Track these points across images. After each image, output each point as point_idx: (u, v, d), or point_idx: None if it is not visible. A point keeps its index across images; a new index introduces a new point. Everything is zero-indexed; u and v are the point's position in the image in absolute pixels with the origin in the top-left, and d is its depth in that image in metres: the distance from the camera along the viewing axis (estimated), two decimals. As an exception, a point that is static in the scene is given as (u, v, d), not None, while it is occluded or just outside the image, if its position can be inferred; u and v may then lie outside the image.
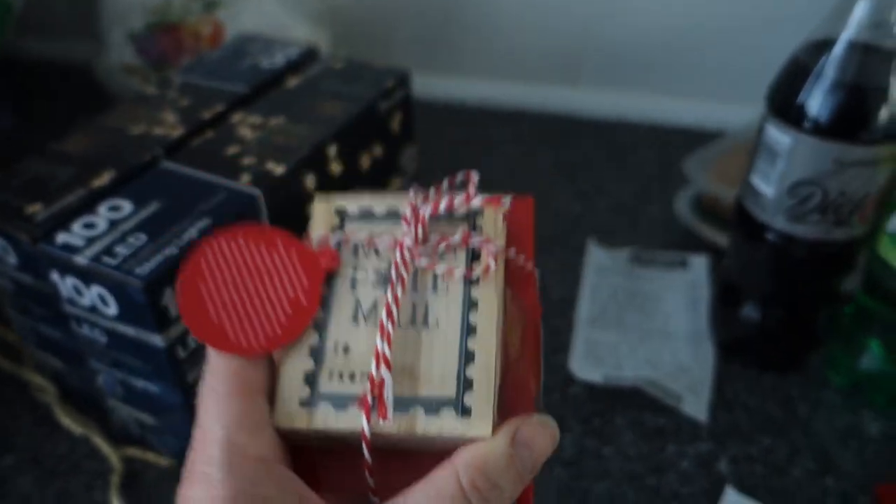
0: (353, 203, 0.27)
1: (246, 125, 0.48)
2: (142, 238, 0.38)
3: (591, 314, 0.54)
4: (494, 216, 0.27)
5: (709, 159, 0.63)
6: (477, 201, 0.26)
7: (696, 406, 0.48)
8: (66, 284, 0.39)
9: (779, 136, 0.42)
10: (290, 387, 0.25)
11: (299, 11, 0.72)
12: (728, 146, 0.64)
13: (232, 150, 0.45)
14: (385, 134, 0.53)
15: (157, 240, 0.38)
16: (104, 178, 0.42)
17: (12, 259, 0.41)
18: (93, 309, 0.39)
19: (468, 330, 0.25)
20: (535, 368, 0.26)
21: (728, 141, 0.65)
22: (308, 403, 0.24)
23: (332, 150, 0.48)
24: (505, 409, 0.24)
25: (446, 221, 0.27)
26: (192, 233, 0.39)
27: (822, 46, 0.41)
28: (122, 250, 0.37)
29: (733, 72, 0.73)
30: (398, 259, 0.26)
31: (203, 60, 0.56)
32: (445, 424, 0.24)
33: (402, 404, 0.24)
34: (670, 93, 0.78)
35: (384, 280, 0.26)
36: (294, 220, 0.38)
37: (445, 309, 0.25)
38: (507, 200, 0.26)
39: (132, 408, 0.44)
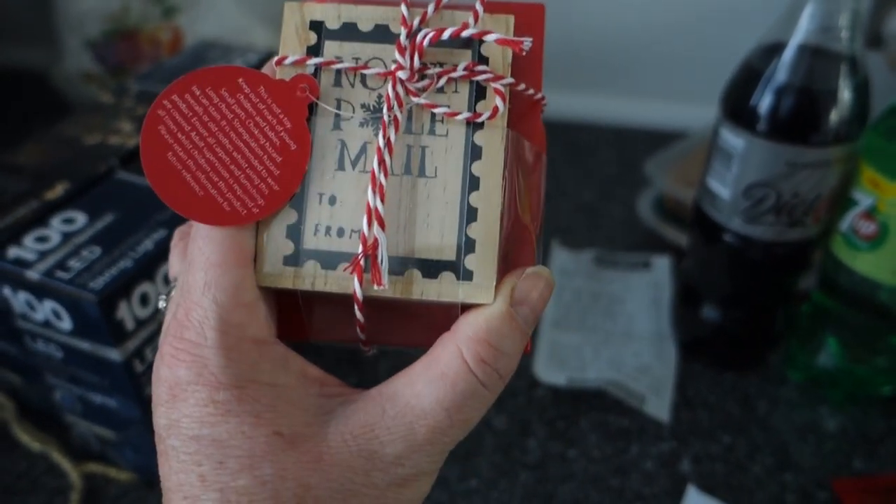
0: (332, 14, 0.23)
1: (204, 134, 0.47)
2: (96, 251, 0.38)
3: (554, 316, 0.55)
4: (503, 48, 0.23)
5: (670, 160, 0.64)
6: (491, 38, 0.22)
7: (659, 406, 0.48)
8: (18, 300, 0.38)
9: (733, 140, 0.43)
10: (272, 242, 0.22)
11: (260, 17, 0.72)
12: (689, 147, 0.65)
13: (189, 159, 0.45)
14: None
15: (112, 252, 0.38)
16: (58, 190, 0.42)
17: (-37, 274, 0.40)
18: (46, 324, 0.38)
19: (470, 182, 0.22)
20: (536, 210, 0.24)
21: (689, 142, 0.66)
22: (293, 261, 0.22)
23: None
24: (504, 265, 0.22)
25: (445, 44, 0.23)
26: (147, 245, 0.38)
27: (773, 50, 0.41)
28: (75, 264, 0.37)
29: (695, 73, 0.74)
30: (391, 95, 0.22)
31: (161, 67, 0.55)
32: (444, 289, 0.22)
33: (398, 264, 0.22)
34: (632, 94, 0.79)
35: (373, 118, 0.23)
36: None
37: (444, 155, 0.22)
38: (527, 42, 0.22)
39: (91, 423, 0.43)
